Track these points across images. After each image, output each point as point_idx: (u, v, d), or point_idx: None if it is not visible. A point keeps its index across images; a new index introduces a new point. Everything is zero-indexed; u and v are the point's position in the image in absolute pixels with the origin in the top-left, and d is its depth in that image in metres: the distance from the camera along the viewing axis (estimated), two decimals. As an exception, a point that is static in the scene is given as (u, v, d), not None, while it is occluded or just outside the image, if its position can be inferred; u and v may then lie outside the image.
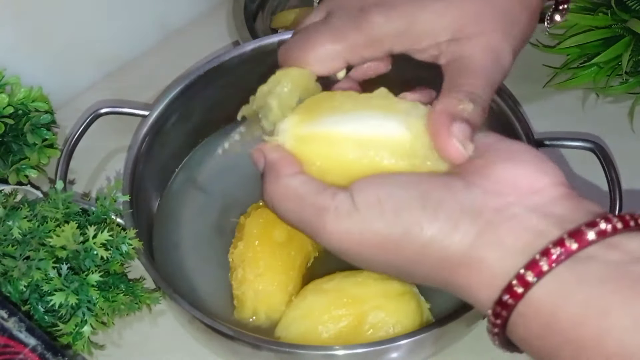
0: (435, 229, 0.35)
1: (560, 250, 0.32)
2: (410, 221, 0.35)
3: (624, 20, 0.65)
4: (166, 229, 0.62)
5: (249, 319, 0.55)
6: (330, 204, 0.37)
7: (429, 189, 0.36)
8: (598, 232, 0.32)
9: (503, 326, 0.34)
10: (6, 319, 0.47)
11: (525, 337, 0.34)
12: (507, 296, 0.33)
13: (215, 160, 0.66)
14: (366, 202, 0.36)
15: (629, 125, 0.68)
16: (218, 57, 0.63)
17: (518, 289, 0.33)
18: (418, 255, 0.36)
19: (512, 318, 0.33)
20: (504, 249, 0.34)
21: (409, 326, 0.51)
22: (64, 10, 0.70)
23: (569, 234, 0.32)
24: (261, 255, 0.55)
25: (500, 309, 0.33)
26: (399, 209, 0.36)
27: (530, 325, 0.33)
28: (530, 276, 0.32)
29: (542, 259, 0.32)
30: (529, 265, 0.33)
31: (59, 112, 0.67)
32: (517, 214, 0.34)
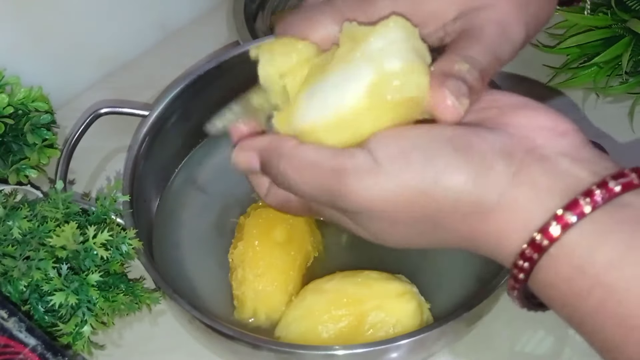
0: (470, 171, 0.33)
1: (603, 192, 0.31)
2: (443, 165, 0.34)
3: (624, 20, 0.65)
4: (166, 229, 0.62)
5: (249, 319, 0.55)
6: (349, 163, 0.35)
7: (455, 134, 0.35)
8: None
9: (529, 272, 0.33)
10: (6, 319, 0.47)
11: (552, 281, 0.33)
12: (542, 237, 0.32)
13: (215, 160, 0.66)
14: (388, 155, 0.34)
15: (629, 125, 0.68)
16: (218, 57, 0.63)
17: (555, 230, 0.32)
18: (452, 203, 0.34)
19: (541, 261, 0.32)
20: (539, 189, 0.33)
21: (409, 326, 0.51)
22: (64, 10, 0.70)
23: (613, 176, 0.32)
24: (261, 255, 0.55)
25: (532, 250, 0.32)
26: (428, 155, 0.34)
27: (560, 268, 0.32)
28: (570, 217, 0.31)
29: (585, 199, 0.31)
30: (569, 206, 0.32)
31: (59, 112, 0.67)
32: (549, 156, 0.34)
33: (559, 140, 0.34)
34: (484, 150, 0.34)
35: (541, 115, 0.36)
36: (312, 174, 0.36)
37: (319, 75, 0.39)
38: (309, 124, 0.38)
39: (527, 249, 0.33)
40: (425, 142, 0.35)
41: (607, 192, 0.31)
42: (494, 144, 0.34)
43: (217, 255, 0.59)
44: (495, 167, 0.33)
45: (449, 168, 0.33)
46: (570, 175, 0.33)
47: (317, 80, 0.39)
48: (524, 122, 0.35)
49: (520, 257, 0.33)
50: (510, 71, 0.72)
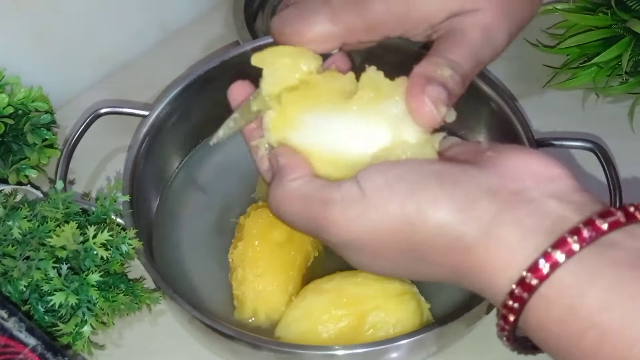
0: (453, 205, 0.34)
1: (590, 230, 0.31)
2: (427, 198, 0.34)
3: (624, 20, 0.65)
4: (166, 229, 0.62)
5: (249, 319, 0.55)
6: (336, 194, 0.36)
7: (443, 170, 0.35)
8: (627, 215, 0.32)
9: (519, 313, 0.33)
10: (6, 319, 0.47)
11: (544, 322, 0.32)
12: (531, 276, 0.32)
13: (215, 160, 0.66)
14: (374, 186, 0.35)
15: (629, 125, 0.68)
16: (218, 57, 0.63)
17: (544, 268, 0.31)
18: (434, 236, 0.34)
19: (530, 302, 0.32)
20: (524, 229, 0.33)
21: (409, 326, 0.51)
22: (64, 10, 0.70)
23: (599, 214, 0.32)
24: (261, 255, 0.55)
25: (522, 290, 0.32)
26: (413, 187, 0.34)
27: (551, 308, 0.32)
28: (558, 255, 0.31)
29: (573, 237, 0.31)
30: (557, 244, 0.32)
31: (59, 112, 0.67)
32: (536, 198, 0.34)
33: (548, 184, 0.35)
34: (469, 186, 0.34)
35: (533, 159, 0.36)
36: (301, 206, 0.37)
37: (329, 103, 0.39)
38: (306, 147, 0.39)
39: (517, 288, 0.32)
40: (411, 174, 0.35)
41: (594, 230, 0.31)
42: (480, 182, 0.34)
43: (217, 255, 0.59)
44: (478, 204, 0.34)
45: (432, 201, 0.34)
46: (556, 215, 0.33)
47: (326, 109, 0.39)
48: (515, 165, 0.35)
49: (510, 297, 0.33)
50: (510, 71, 0.72)
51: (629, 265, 0.31)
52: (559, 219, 0.33)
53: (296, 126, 0.40)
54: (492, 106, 0.62)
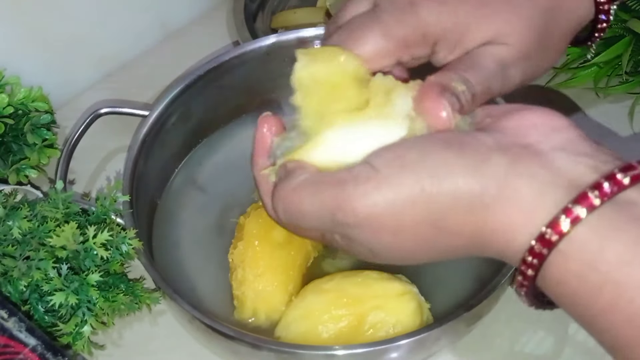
0: (464, 166, 0.33)
1: (612, 185, 0.31)
2: (437, 163, 0.33)
3: (624, 20, 0.65)
4: (166, 229, 0.62)
5: (248, 319, 0.55)
6: (348, 175, 0.35)
7: (449, 137, 0.35)
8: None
9: (537, 269, 0.32)
10: (6, 319, 0.47)
11: (562, 277, 0.32)
12: (551, 232, 0.31)
13: (215, 160, 0.66)
14: (385, 161, 0.35)
15: (629, 125, 0.68)
16: (218, 57, 0.63)
17: (564, 224, 0.31)
18: (450, 201, 0.33)
19: (550, 257, 0.32)
20: (541, 182, 0.32)
21: (409, 326, 0.51)
22: (64, 10, 0.70)
23: (620, 168, 0.31)
24: (261, 255, 0.55)
25: (541, 246, 0.32)
26: (422, 155, 0.34)
27: (570, 264, 0.31)
28: (580, 210, 0.31)
29: (594, 192, 0.31)
30: (578, 199, 0.31)
31: (59, 112, 0.67)
32: (545, 151, 0.33)
33: (554, 135, 0.34)
34: (477, 145, 0.34)
35: (533, 114, 0.36)
36: (311, 191, 0.36)
37: (348, 119, 0.39)
38: (329, 161, 0.38)
39: (536, 244, 0.32)
40: (419, 145, 0.35)
41: (616, 184, 0.31)
42: (487, 142, 0.34)
43: (217, 255, 0.59)
44: (490, 161, 0.33)
45: (443, 164, 0.34)
46: (570, 170, 0.32)
47: (344, 123, 0.39)
48: (517, 123, 0.35)
49: (529, 253, 0.32)
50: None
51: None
52: (573, 173, 0.32)
53: (321, 144, 0.39)
54: (492, 106, 0.62)
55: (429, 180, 0.34)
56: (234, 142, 0.67)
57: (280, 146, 0.41)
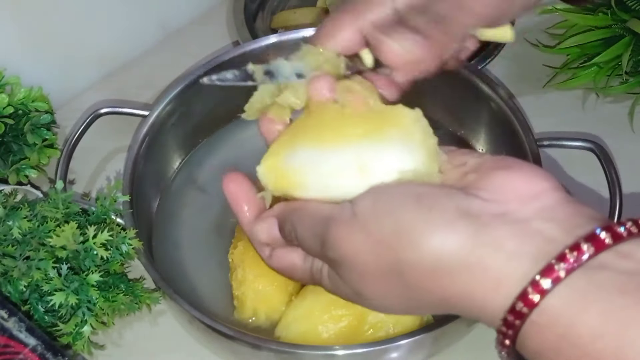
0: (430, 226, 0.34)
1: (576, 255, 0.31)
2: (403, 219, 0.34)
3: (624, 20, 0.65)
4: (166, 229, 0.62)
5: (249, 319, 0.55)
6: (336, 213, 0.37)
7: (426, 192, 0.35)
8: (614, 236, 0.31)
9: (514, 337, 0.33)
10: (6, 319, 0.47)
11: (539, 349, 0.32)
12: (521, 304, 0.32)
13: (215, 160, 0.66)
14: (363, 209, 0.36)
15: (629, 125, 0.68)
16: (218, 57, 0.63)
17: (533, 296, 0.31)
18: (413, 258, 0.34)
19: (524, 328, 0.32)
20: (507, 252, 0.32)
21: (409, 326, 0.51)
22: (64, 10, 0.70)
23: (585, 238, 0.31)
24: (261, 255, 0.55)
25: (514, 318, 0.32)
26: (392, 208, 0.35)
27: (544, 337, 0.32)
28: (546, 283, 0.31)
29: (559, 264, 0.31)
30: (544, 272, 0.31)
31: (59, 112, 0.67)
32: (519, 219, 0.33)
33: (532, 203, 0.34)
34: (448, 208, 0.34)
35: (516, 177, 0.35)
36: (310, 222, 0.38)
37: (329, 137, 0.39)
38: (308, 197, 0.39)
39: (509, 316, 0.32)
40: (395, 196, 0.36)
41: (580, 254, 0.31)
42: (460, 205, 0.34)
43: (217, 255, 0.59)
44: (455, 226, 0.33)
45: (407, 223, 0.34)
46: (541, 237, 0.32)
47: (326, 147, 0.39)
48: (500, 185, 0.35)
49: (504, 324, 0.33)
50: (510, 71, 0.72)
51: (619, 289, 0.30)
52: (544, 242, 0.32)
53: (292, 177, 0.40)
54: (492, 106, 0.62)
55: (394, 238, 0.34)
56: (234, 142, 0.67)
57: None
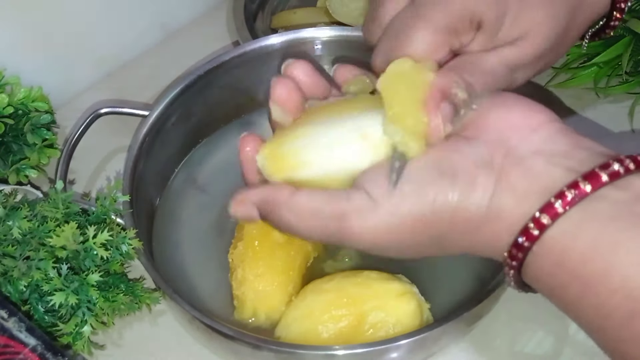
0: (459, 192, 0.36)
1: (574, 193, 0.33)
2: (435, 192, 0.36)
3: (624, 20, 0.65)
4: (166, 229, 0.62)
5: (249, 319, 0.55)
6: (348, 206, 0.37)
7: (438, 157, 0.37)
8: (611, 174, 0.33)
9: (519, 268, 0.36)
10: (6, 319, 0.47)
11: (537, 275, 0.36)
12: (523, 238, 0.35)
13: (215, 160, 0.66)
14: (383, 192, 0.37)
15: (629, 125, 0.68)
16: (218, 57, 0.63)
17: (534, 231, 0.34)
18: (448, 225, 0.37)
19: (527, 258, 0.35)
20: (518, 194, 0.35)
21: (409, 326, 0.51)
22: (64, 10, 0.70)
23: (584, 176, 0.34)
24: (261, 255, 0.55)
25: (516, 250, 0.35)
26: (419, 185, 0.36)
27: (542, 264, 0.35)
28: (545, 218, 0.34)
29: (557, 201, 0.34)
30: (544, 208, 0.34)
31: (59, 112, 0.67)
32: (524, 157, 0.36)
33: (532, 136, 0.36)
34: (467, 167, 0.36)
35: (513, 112, 0.38)
36: (315, 222, 0.38)
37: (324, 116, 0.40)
38: (311, 176, 0.39)
39: (513, 249, 0.36)
40: (413, 172, 0.37)
41: (579, 192, 0.33)
42: (474, 157, 0.37)
43: (217, 255, 0.59)
44: (479, 181, 0.36)
45: (440, 194, 0.36)
46: (545, 176, 0.35)
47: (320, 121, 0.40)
48: (497, 124, 0.37)
49: (509, 257, 0.36)
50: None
51: (611, 217, 0.33)
52: (548, 180, 0.35)
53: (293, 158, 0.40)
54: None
55: (428, 210, 0.36)
56: (234, 142, 0.66)
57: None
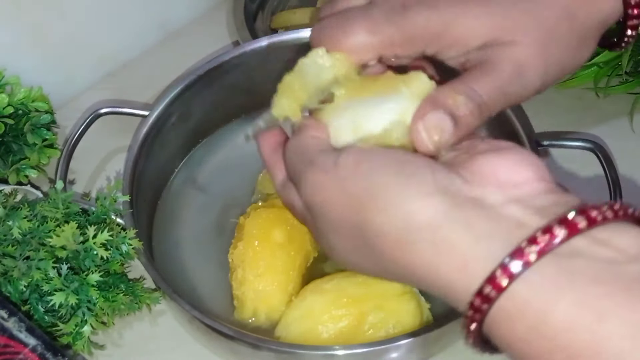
0: (403, 194, 0.33)
1: (548, 238, 0.30)
2: (380, 181, 0.34)
3: (624, 20, 0.65)
4: (166, 229, 0.62)
5: (249, 319, 0.55)
6: (320, 159, 0.38)
7: (410, 160, 0.35)
8: (588, 219, 0.30)
9: (480, 322, 0.32)
10: (6, 319, 0.47)
11: (508, 338, 0.31)
12: (489, 287, 0.30)
13: (215, 160, 0.66)
14: (345, 162, 0.36)
15: (629, 125, 0.68)
16: (218, 57, 0.63)
17: (502, 280, 0.30)
18: (379, 221, 0.34)
19: (492, 314, 0.31)
20: (476, 233, 0.31)
21: (409, 326, 0.51)
22: (64, 10, 0.70)
23: (558, 221, 0.30)
24: (261, 255, 0.55)
25: (481, 301, 0.31)
26: (373, 167, 0.35)
27: (514, 326, 0.30)
28: (515, 266, 0.30)
29: (530, 247, 0.30)
30: (514, 254, 0.30)
31: (59, 112, 0.67)
32: (495, 204, 0.32)
33: (511, 191, 0.33)
34: (426, 182, 0.34)
35: (503, 162, 0.35)
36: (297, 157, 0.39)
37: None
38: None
39: (476, 299, 0.31)
40: (378, 156, 0.36)
41: (552, 238, 0.30)
42: (439, 180, 0.34)
43: (217, 255, 0.59)
44: (429, 199, 0.33)
45: (382, 186, 0.34)
46: (514, 221, 0.31)
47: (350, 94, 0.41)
48: (484, 169, 0.34)
49: (470, 308, 0.31)
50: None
51: (593, 278, 0.29)
52: (516, 225, 0.31)
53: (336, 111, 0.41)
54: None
55: (365, 197, 0.35)
56: (234, 142, 0.67)
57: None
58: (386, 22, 0.40)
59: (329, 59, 0.41)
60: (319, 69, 0.41)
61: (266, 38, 0.64)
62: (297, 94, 0.41)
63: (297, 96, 0.41)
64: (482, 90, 0.39)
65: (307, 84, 0.41)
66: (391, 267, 0.35)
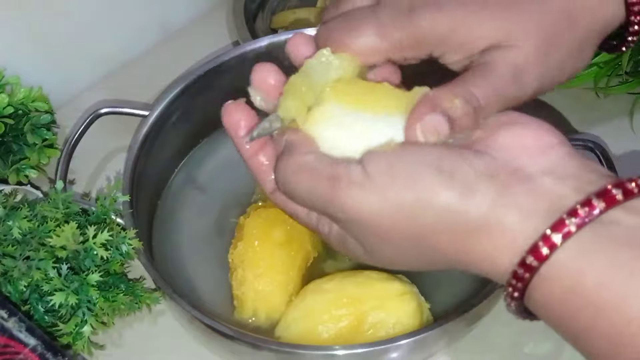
0: (452, 194, 0.34)
1: (587, 211, 0.32)
2: (425, 187, 0.35)
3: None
4: (166, 229, 0.62)
5: (249, 319, 0.55)
6: (343, 173, 0.36)
7: (442, 156, 0.36)
8: (625, 192, 0.32)
9: (523, 290, 0.34)
10: (6, 319, 0.47)
11: (546, 301, 0.34)
12: (532, 258, 0.33)
13: (215, 160, 0.66)
14: (378, 169, 0.36)
15: (629, 125, 0.68)
16: (218, 57, 0.63)
17: (543, 250, 0.33)
18: (434, 223, 0.35)
19: (533, 281, 0.33)
20: (524, 211, 0.34)
21: (409, 326, 0.51)
22: (64, 10, 0.70)
23: (596, 194, 0.32)
24: (261, 255, 0.55)
25: (524, 271, 0.33)
26: (411, 174, 0.35)
27: (552, 289, 0.33)
28: (556, 237, 0.32)
29: (570, 219, 0.32)
30: (555, 226, 0.32)
31: (59, 112, 0.67)
32: (532, 176, 0.34)
33: (542, 157, 0.35)
34: (467, 172, 0.35)
35: (524, 132, 0.36)
36: (308, 178, 0.38)
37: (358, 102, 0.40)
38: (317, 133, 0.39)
39: (519, 269, 0.34)
40: (411, 161, 0.36)
41: (591, 210, 0.32)
42: (478, 167, 0.35)
43: (217, 255, 0.59)
44: (478, 189, 0.34)
45: (431, 188, 0.35)
46: (554, 195, 0.34)
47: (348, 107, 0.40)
48: (507, 143, 0.36)
49: (513, 277, 0.34)
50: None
51: (626, 243, 0.32)
52: (556, 198, 0.33)
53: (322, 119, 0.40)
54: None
55: (414, 203, 0.35)
56: (234, 142, 0.67)
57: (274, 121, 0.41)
58: (394, 25, 0.40)
59: (335, 59, 0.40)
60: (326, 69, 0.40)
61: (266, 38, 0.64)
62: (303, 94, 0.40)
63: (303, 97, 0.40)
64: (479, 93, 0.39)
65: (313, 85, 0.40)
66: (440, 259, 0.37)
